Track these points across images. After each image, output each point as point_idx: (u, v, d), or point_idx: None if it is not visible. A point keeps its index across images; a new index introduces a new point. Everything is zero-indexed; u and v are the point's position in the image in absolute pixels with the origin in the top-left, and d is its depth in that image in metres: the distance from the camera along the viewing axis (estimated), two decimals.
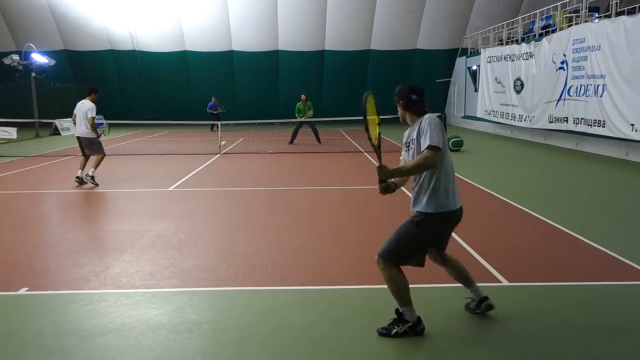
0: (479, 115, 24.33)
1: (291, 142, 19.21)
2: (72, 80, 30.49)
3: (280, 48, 31.02)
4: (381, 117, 3.86)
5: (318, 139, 19.01)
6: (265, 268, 5.51)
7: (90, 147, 10.82)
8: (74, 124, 10.86)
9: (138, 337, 3.96)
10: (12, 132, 16.88)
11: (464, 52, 28.61)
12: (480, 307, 4.22)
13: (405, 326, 3.88)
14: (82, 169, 10.73)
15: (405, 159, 3.96)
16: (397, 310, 3.93)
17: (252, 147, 18.29)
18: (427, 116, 3.77)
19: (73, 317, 4.38)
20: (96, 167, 10.74)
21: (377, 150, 3.72)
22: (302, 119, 19.07)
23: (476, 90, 25.47)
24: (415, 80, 32.75)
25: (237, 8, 29.41)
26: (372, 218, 7.82)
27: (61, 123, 24.50)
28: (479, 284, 4.34)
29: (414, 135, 3.79)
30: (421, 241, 3.85)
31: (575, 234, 6.69)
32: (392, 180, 3.83)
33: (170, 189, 10.42)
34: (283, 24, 29.94)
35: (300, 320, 4.27)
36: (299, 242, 6.51)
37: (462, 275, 4.24)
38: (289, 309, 4.52)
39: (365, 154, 15.87)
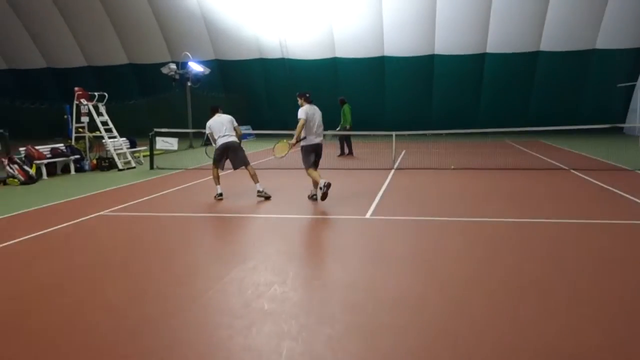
0: None
1: (341, 154, 18.28)
2: (222, 89, 30.35)
3: (436, 52, 28.62)
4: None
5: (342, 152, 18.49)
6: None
7: (237, 158, 10.15)
8: (212, 139, 10.31)
9: None
10: (173, 143, 16.16)
11: None
12: (313, 197, 9.53)
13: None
14: (219, 183, 10.26)
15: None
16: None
17: (425, 161, 15.97)
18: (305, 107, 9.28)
19: None
20: (257, 180, 10.15)
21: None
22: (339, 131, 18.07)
23: None
24: (591, 86, 28.75)
25: (392, 12, 27.52)
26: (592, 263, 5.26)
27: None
28: None
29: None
30: (305, 155, 9.30)
31: None
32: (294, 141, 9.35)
33: (367, 216, 8.48)
34: (441, 26, 27.55)
35: None
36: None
37: (315, 181, 9.21)
38: None
39: (573, 170, 13.05)
